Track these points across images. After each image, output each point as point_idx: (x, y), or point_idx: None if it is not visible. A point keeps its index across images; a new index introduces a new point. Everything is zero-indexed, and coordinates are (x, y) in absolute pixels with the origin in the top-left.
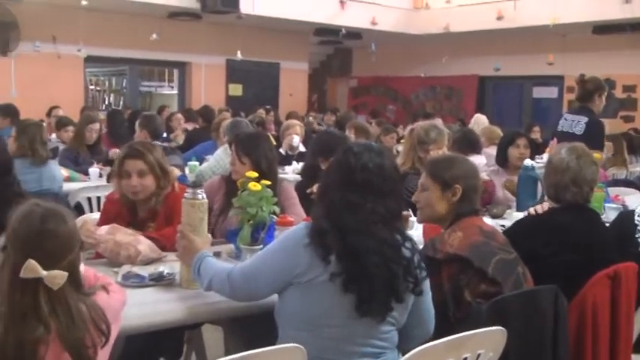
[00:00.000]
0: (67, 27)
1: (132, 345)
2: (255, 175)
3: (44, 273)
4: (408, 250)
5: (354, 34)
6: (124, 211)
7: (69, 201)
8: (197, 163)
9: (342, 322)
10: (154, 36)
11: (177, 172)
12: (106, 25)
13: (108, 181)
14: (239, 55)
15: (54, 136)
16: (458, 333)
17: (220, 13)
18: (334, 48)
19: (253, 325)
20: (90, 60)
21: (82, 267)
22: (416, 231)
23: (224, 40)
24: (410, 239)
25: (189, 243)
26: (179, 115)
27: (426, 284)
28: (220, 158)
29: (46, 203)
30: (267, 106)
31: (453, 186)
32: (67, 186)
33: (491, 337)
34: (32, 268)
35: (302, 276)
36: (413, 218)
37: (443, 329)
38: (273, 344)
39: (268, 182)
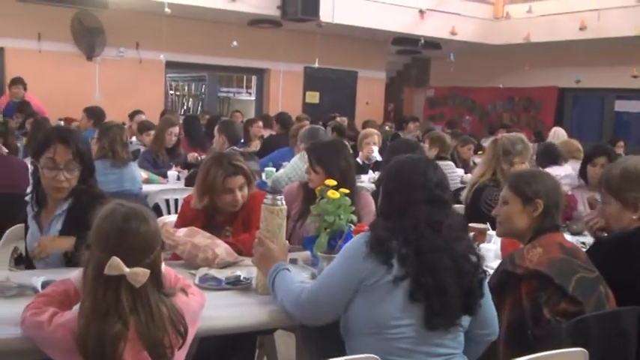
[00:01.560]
0: (149, 33)
1: (205, 347)
2: (334, 183)
3: (127, 270)
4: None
5: (433, 43)
6: (201, 214)
7: (147, 202)
8: (274, 169)
9: (410, 322)
10: (235, 43)
11: None
12: (188, 32)
13: (186, 184)
14: (317, 63)
15: (134, 138)
16: (536, 351)
17: (300, 21)
18: (412, 57)
19: (326, 333)
20: (171, 65)
21: (163, 267)
22: (493, 245)
23: (303, 48)
24: (476, 250)
25: (266, 251)
26: (260, 123)
27: (486, 285)
28: (297, 165)
29: (129, 203)
30: (337, 114)
31: (534, 201)
32: (146, 188)
33: (572, 358)
34: (116, 265)
35: (367, 280)
36: (491, 232)
37: (521, 347)
38: (345, 353)
39: (346, 190)
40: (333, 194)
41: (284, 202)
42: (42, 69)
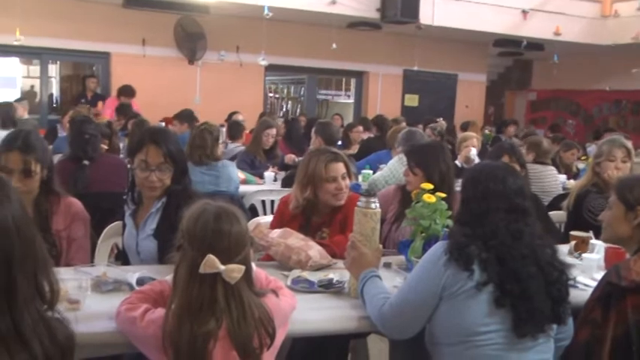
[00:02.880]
0: (250, 37)
1: (297, 349)
2: (431, 186)
3: (222, 268)
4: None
5: (536, 44)
6: (298, 215)
7: (244, 203)
8: (370, 171)
9: (498, 327)
10: (334, 46)
11: None
12: (287, 35)
13: (283, 185)
14: (416, 66)
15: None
16: None
17: (400, 23)
18: (514, 59)
19: (419, 340)
20: (270, 68)
21: (254, 267)
22: (596, 255)
23: (402, 51)
24: (561, 259)
25: (358, 255)
26: (360, 128)
27: None
28: (394, 168)
29: (216, 202)
30: (435, 117)
31: (635, 208)
32: (243, 188)
33: None
34: (211, 263)
35: (449, 288)
36: (594, 241)
37: None
38: None
39: (443, 195)
40: (429, 198)
41: (378, 205)
42: (146, 73)
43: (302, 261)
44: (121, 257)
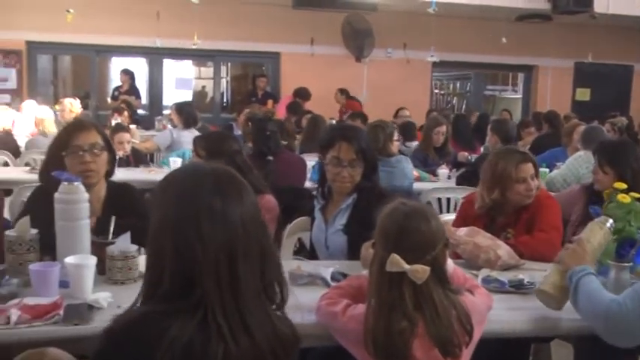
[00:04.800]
0: (417, 34)
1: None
2: (624, 186)
3: (407, 267)
4: None
5: None
6: (483, 215)
7: (420, 200)
8: (547, 169)
9: None
10: (504, 40)
11: None
12: (455, 30)
13: (457, 183)
14: (589, 58)
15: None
16: None
17: (572, 13)
18: None
19: (606, 349)
20: (437, 65)
21: (451, 266)
22: None
23: (573, 42)
24: None
25: (581, 251)
26: (532, 129)
27: None
28: (572, 166)
29: (412, 202)
30: (616, 112)
31: None
32: (418, 185)
33: None
34: (396, 262)
35: None
36: None
37: None
38: None
39: (638, 195)
40: (623, 198)
41: (612, 225)
42: (314, 72)
43: (491, 260)
44: (305, 251)
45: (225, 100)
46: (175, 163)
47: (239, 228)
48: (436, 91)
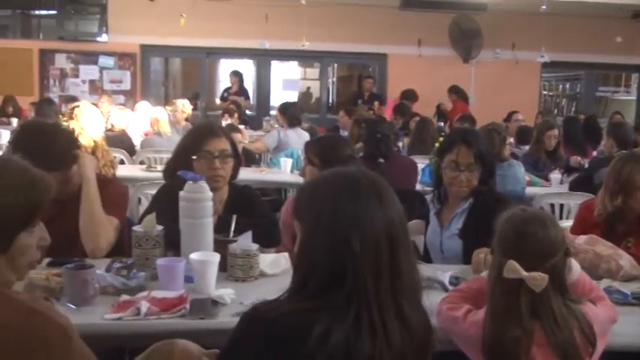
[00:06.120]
0: (526, 33)
1: None
2: None
3: (525, 274)
4: None
5: None
6: (601, 222)
7: (533, 205)
8: None
9: None
10: (618, 39)
11: None
12: (565, 29)
13: (570, 188)
14: None
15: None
16: None
17: None
18: None
19: None
20: (547, 65)
21: (577, 271)
22: None
23: None
24: None
25: None
26: None
27: None
28: None
29: (531, 209)
30: None
31: None
32: (531, 190)
33: None
34: (513, 268)
35: None
36: None
37: None
38: None
39: None
40: None
41: None
42: (421, 73)
43: (612, 270)
44: (418, 255)
45: (330, 101)
46: (286, 163)
47: (397, 222)
48: (544, 92)
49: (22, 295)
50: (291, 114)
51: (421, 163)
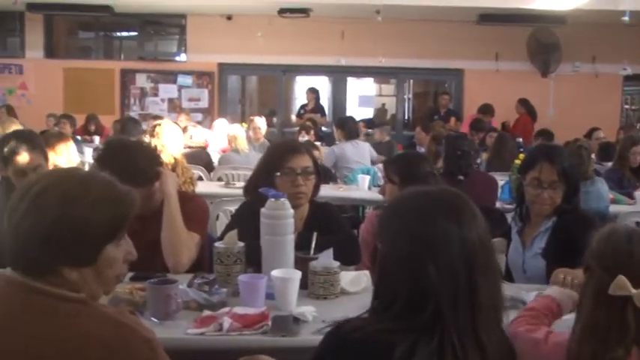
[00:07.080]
0: (607, 45)
1: None
2: None
3: (634, 291)
4: None
5: None
6: None
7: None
8: None
9: None
10: None
11: None
12: None
13: None
14: None
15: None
16: None
17: None
18: None
19: None
20: (628, 78)
21: None
22: None
23: None
24: None
25: None
26: None
27: None
28: None
29: (630, 226)
30: None
31: None
32: (614, 208)
33: None
34: (622, 284)
35: None
36: None
37: None
38: None
39: None
40: None
41: None
42: (498, 88)
43: None
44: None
45: (406, 117)
46: (364, 180)
47: (477, 244)
48: (626, 106)
49: (109, 309)
50: (349, 128)
51: (500, 179)
